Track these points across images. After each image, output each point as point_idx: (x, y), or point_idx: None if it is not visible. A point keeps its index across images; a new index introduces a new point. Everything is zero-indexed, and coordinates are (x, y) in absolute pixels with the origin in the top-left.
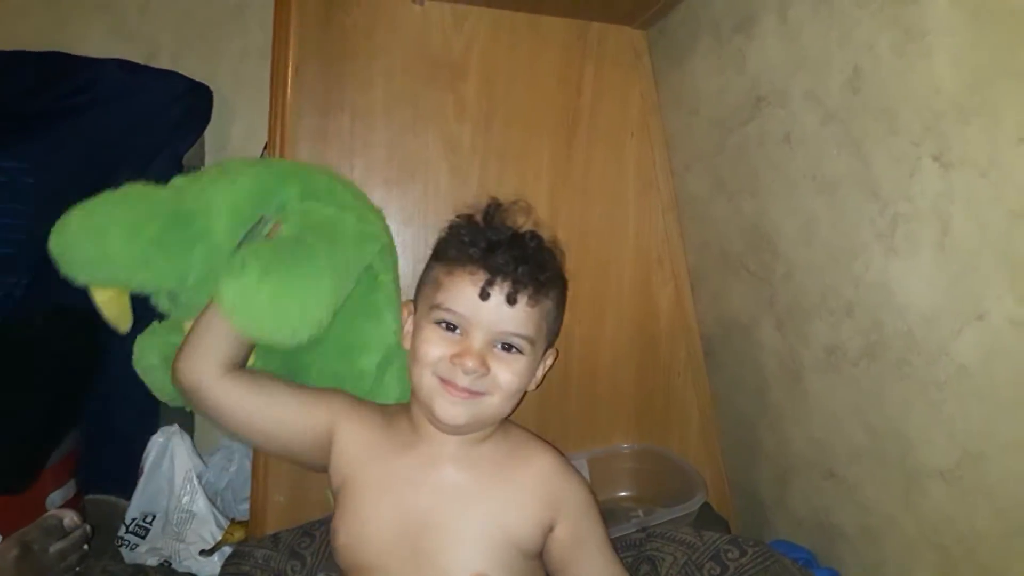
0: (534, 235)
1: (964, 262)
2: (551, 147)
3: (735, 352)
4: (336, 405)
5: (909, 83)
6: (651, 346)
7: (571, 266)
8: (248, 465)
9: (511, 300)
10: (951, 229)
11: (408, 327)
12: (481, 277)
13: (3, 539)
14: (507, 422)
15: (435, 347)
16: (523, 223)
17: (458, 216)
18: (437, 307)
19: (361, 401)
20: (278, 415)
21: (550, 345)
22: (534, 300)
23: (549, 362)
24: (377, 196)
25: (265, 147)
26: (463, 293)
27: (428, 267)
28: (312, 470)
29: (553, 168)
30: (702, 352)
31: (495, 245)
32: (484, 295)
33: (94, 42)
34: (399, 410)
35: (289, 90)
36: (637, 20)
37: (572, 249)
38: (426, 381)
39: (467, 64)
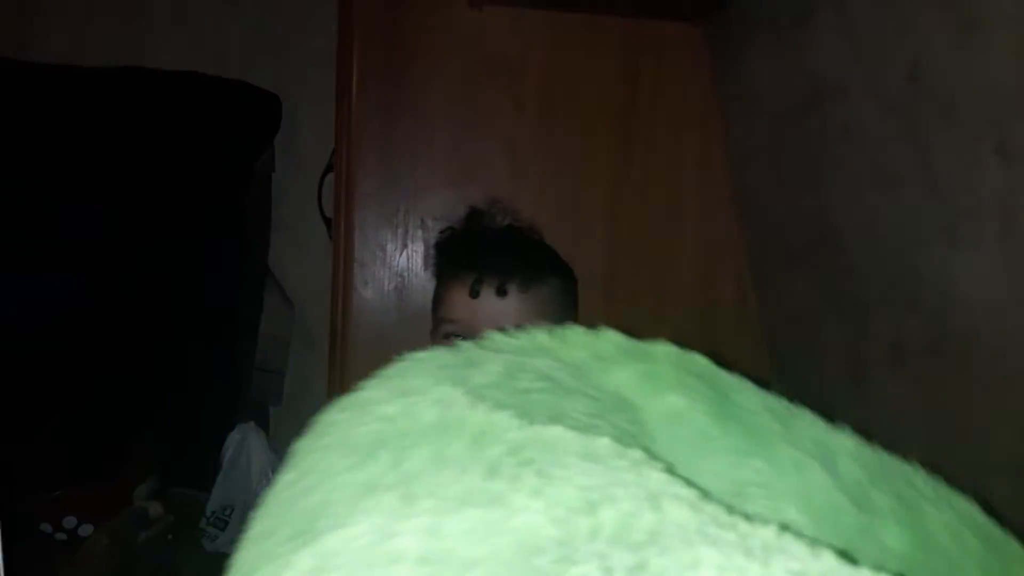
0: (513, 228)
1: None
2: (609, 145)
3: (798, 348)
4: None
5: (969, 75)
6: (713, 342)
7: (631, 263)
8: None
9: (501, 292)
10: (1014, 223)
11: None
12: (468, 278)
13: (95, 529)
14: None
15: None
16: (503, 222)
17: (440, 231)
18: (441, 321)
19: None
20: None
21: None
22: (525, 286)
23: None
24: (439, 198)
25: (332, 153)
26: (457, 299)
27: (434, 291)
28: None
29: (612, 166)
30: (766, 348)
31: (477, 247)
32: (474, 293)
33: (169, 56)
34: None
35: (354, 96)
36: (694, 16)
37: (632, 247)
38: None
39: (525, 66)
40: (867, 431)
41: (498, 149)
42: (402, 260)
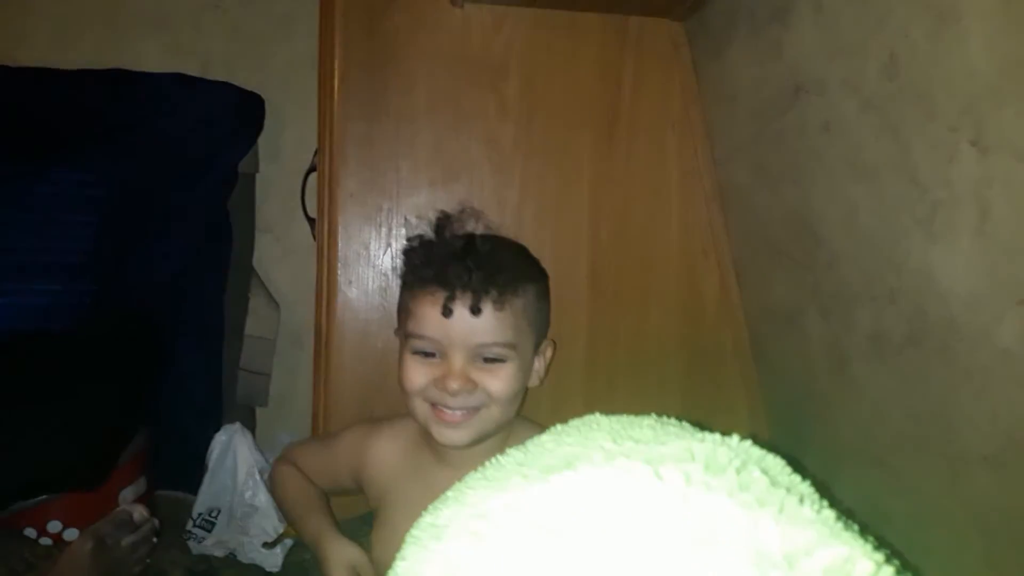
0: (486, 239)
1: (1004, 247)
2: (592, 142)
3: (781, 341)
4: (354, 444)
5: (945, 68)
6: (697, 336)
7: (615, 259)
8: None
9: (475, 311)
10: (990, 214)
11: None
12: (441, 295)
13: (79, 533)
14: (518, 419)
15: (418, 376)
16: (475, 229)
17: (409, 239)
18: (411, 336)
19: (378, 424)
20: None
21: (541, 338)
22: (500, 304)
23: (549, 354)
24: (422, 197)
25: (315, 153)
26: (428, 316)
27: (400, 295)
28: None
29: (595, 163)
30: (749, 341)
31: (448, 259)
32: (447, 312)
33: (151, 58)
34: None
35: (336, 96)
36: (675, 12)
37: (616, 242)
38: (419, 408)
39: (507, 64)
40: (849, 420)
41: (481, 147)
42: (386, 259)
